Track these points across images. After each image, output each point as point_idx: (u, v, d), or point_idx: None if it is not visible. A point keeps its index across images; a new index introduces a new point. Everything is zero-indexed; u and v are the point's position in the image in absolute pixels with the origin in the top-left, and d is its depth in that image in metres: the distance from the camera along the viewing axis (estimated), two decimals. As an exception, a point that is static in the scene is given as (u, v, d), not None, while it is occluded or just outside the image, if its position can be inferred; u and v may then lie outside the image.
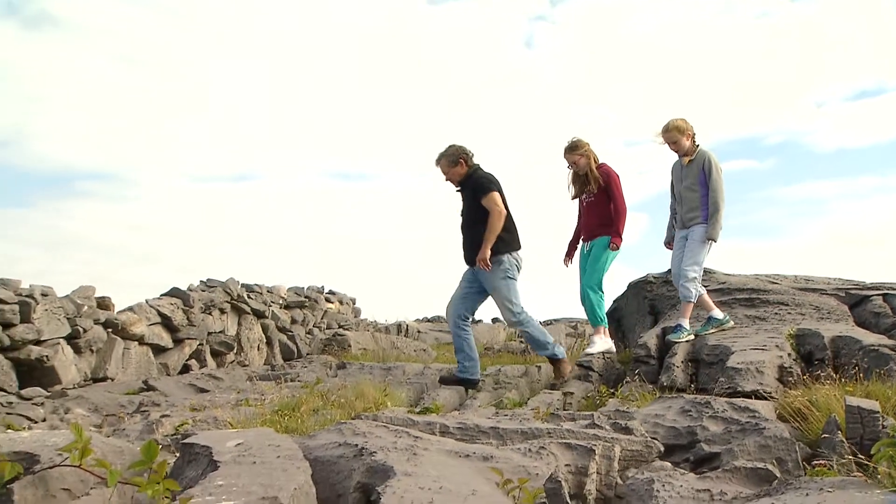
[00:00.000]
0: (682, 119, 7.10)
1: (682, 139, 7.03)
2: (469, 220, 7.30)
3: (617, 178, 7.83)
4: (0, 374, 9.07)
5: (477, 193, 7.18)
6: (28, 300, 9.52)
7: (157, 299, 12.37)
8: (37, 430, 4.25)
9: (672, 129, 7.03)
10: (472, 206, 7.24)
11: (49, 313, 9.81)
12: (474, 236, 7.18)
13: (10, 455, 2.54)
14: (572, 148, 7.81)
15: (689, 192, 7.07)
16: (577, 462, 2.73)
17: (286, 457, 2.62)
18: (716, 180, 6.92)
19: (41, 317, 9.67)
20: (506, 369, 8.55)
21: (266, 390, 7.22)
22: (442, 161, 7.26)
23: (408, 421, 3.49)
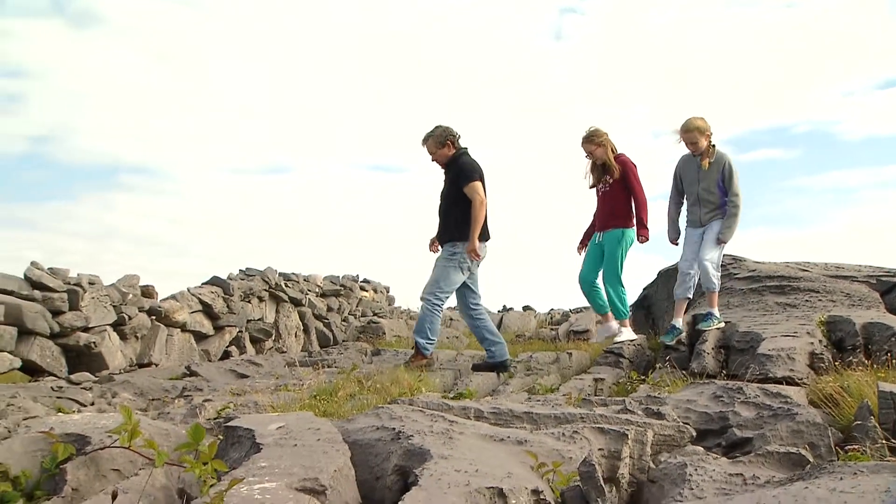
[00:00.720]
0: (702, 119, 7.01)
1: (702, 139, 6.94)
2: (446, 203, 7.30)
3: (634, 168, 7.76)
4: (50, 359, 9.25)
5: (460, 179, 7.16)
6: (76, 289, 9.69)
7: (199, 288, 12.53)
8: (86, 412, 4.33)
9: (693, 128, 6.93)
10: (452, 190, 7.24)
11: (96, 301, 9.98)
12: (448, 220, 7.23)
13: (63, 437, 2.59)
14: (589, 137, 7.76)
15: (708, 195, 6.99)
16: (610, 446, 2.71)
17: (326, 440, 2.65)
18: (736, 185, 6.85)
19: (89, 305, 9.84)
20: (537, 356, 8.53)
21: (304, 376, 7.27)
22: (429, 141, 7.25)
23: (443, 405, 3.50)
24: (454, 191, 7.20)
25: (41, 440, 2.61)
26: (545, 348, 10.54)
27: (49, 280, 9.55)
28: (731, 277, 8.07)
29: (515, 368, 7.29)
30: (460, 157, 7.25)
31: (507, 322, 17.74)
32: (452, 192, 7.22)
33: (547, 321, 19.93)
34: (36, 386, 8.01)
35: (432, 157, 7.29)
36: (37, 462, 2.52)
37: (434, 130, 7.26)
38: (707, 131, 6.96)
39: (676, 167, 7.27)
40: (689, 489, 2.42)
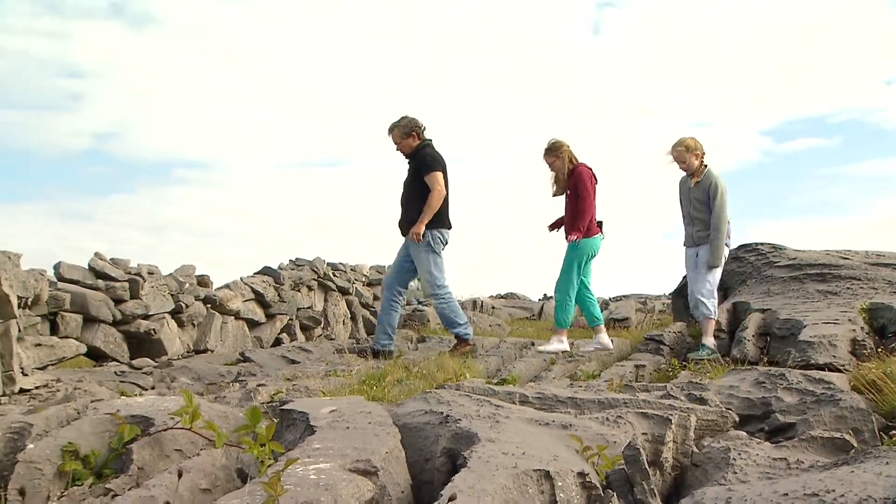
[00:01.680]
0: (693, 138, 6.88)
1: (691, 158, 6.81)
2: (410, 193, 7.29)
3: (584, 178, 7.49)
4: (113, 345, 9.45)
5: (421, 169, 7.15)
6: (136, 278, 9.88)
7: (251, 277, 12.68)
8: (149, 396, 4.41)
9: (682, 148, 6.82)
10: (414, 181, 7.24)
11: (155, 290, 10.16)
12: (409, 209, 7.21)
13: (129, 418, 2.65)
14: (548, 150, 7.62)
15: (698, 213, 6.86)
16: (653, 431, 2.69)
17: (377, 423, 2.67)
18: (719, 205, 6.68)
19: (148, 293, 10.03)
20: (578, 343, 8.49)
21: (352, 362, 7.32)
22: (395, 131, 7.23)
23: (488, 391, 3.50)
24: (418, 181, 7.19)
25: (108, 421, 2.67)
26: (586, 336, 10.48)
27: (111, 270, 9.75)
28: (771, 266, 7.93)
29: (557, 356, 7.25)
30: (424, 148, 7.26)
31: (547, 310, 17.67)
32: (416, 183, 7.21)
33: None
34: (100, 370, 8.20)
35: (397, 146, 7.28)
36: (104, 442, 2.58)
37: (400, 121, 7.26)
38: (697, 150, 6.83)
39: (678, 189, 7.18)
40: (732, 473, 2.39)
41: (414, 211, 7.15)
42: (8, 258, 6.84)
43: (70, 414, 2.88)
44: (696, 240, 6.90)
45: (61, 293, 8.92)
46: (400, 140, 7.24)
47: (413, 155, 7.28)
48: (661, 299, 18.46)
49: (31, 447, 2.39)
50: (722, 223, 6.64)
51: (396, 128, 7.24)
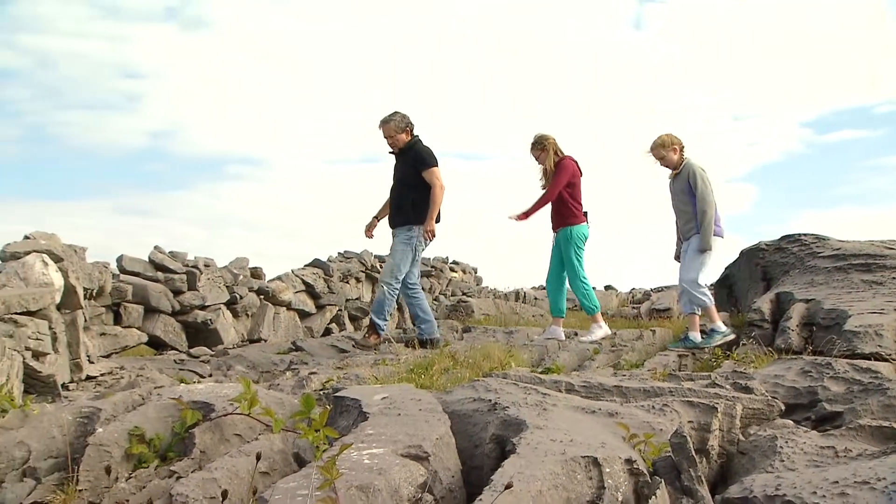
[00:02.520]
0: (668, 134, 6.81)
1: (669, 153, 6.76)
2: (402, 187, 7.25)
3: (562, 170, 7.44)
4: (172, 334, 9.64)
5: (419, 165, 7.13)
6: (194, 270, 10.05)
7: (302, 269, 12.81)
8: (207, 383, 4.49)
9: (657, 146, 6.78)
10: (409, 174, 7.20)
11: (211, 282, 10.33)
12: (402, 202, 7.19)
13: (190, 404, 2.70)
14: (534, 144, 7.59)
15: (682, 205, 6.81)
16: (699, 419, 2.65)
17: (427, 409, 2.67)
18: (701, 189, 6.59)
19: (205, 285, 10.20)
20: (621, 333, 8.41)
21: (400, 351, 7.35)
22: (390, 125, 7.18)
23: (535, 379, 3.49)
24: (412, 175, 7.17)
25: (171, 407, 2.73)
26: (628, 326, 10.39)
27: (170, 263, 9.94)
28: (814, 256, 7.75)
29: (599, 346, 7.20)
30: (416, 143, 7.25)
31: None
32: (410, 177, 7.19)
33: (628, 300, 19.61)
34: (160, 359, 8.37)
35: (389, 140, 7.24)
36: (168, 426, 2.63)
37: (394, 115, 7.22)
38: (674, 144, 6.76)
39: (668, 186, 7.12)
40: (779, 461, 2.35)
41: (410, 204, 7.17)
42: (74, 252, 7.01)
43: (135, 400, 2.94)
44: (684, 233, 6.87)
45: (124, 285, 9.13)
46: (394, 134, 7.21)
47: (405, 150, 7.26)
48: (702, 290, 18.17)
49: (101, 431, 2.45)
50: (708, 206, 6.56)
51: (391, 122, 7.20)
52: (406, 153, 7.27)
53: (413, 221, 7.20)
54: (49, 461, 2.42)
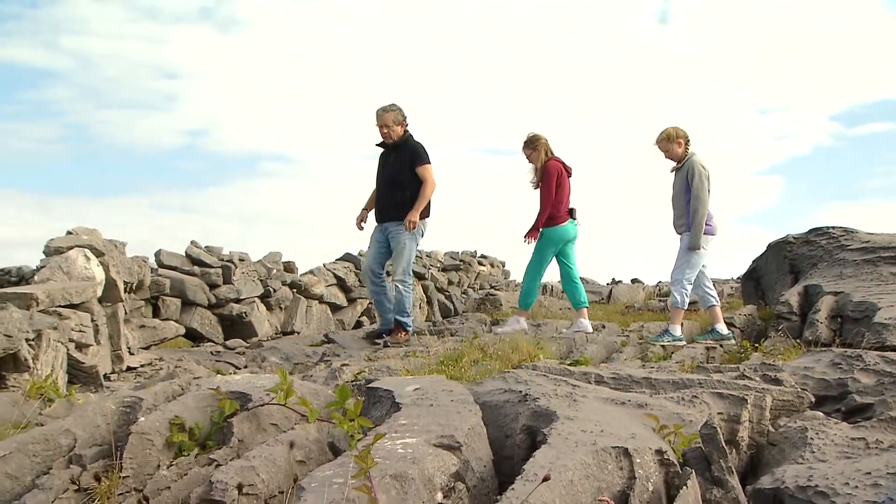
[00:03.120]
0: (674, 127, 6.75)
1: (674, 147, 6.70)
2: (393, 180, 7.16)
3: (552, 173, 7.48)
4: (208, 327, 9.75)
5: (415, 160, 7.09)
6: (229, 265, 10.15)
7: (333, 263, 12.88)
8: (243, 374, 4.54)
9: (663, 139, 6.73)
10: (404, 169, 7.13)
11: (246, 276, 10.42)
12: (394, 196, 7.12)
13: (228, 394, 2.72)
14: (527, 143, 7.63)
15: (677, 199, 6.77)
16: (729, 410, 2.63)
17: (459, 400, 2.68)
18: (697, 187, 6.52)
19: (239, 279, 10.29)
20: (648, 325, 8.35)
21: (429, 343, 7.36)
22: (391, 114, 7.08)
23: (564, 371, 3.48)
24: (407, 170, 7.12)
25: (209, 397, 2.76)
26: (655, 319, 10.31)
27: (206, 257, 10.05)
28: (843, 249, 7.62)
29: (628, 338, 7.15)
30: (410, 138, 7.19)
31: (616, 294, 17.42)
32: (405, 172, 7.13)
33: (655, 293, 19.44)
34: (198, 350, 8.47)
35: (385, 131, 7.11)
36: (207, 416, 2.66)
37: (393, 106, 7.13)
38: (678, 138, 6.70)
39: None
40: (810, 452, 2.32)
41: (409, 198, 7.11)
42: (115, 246, 7.11)
43: (175, 390, 2.98)
44: (677, 227, 6.84)
45: (162, 279, 9.25)
46: (391, 125, 7.10)
47: (400, 144, 7.18)
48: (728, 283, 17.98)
49: (143, 420, 2.48)
50: (700, 204, 6.51)
51: (391, 112, 7.10)
52: (401, 147, 7.19)
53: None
54: (94, 449, 2.45)
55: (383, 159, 7.34)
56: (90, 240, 6.72)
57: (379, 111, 7.14)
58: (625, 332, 8.19)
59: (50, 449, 2.41)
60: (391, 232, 7.24)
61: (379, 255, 7.43)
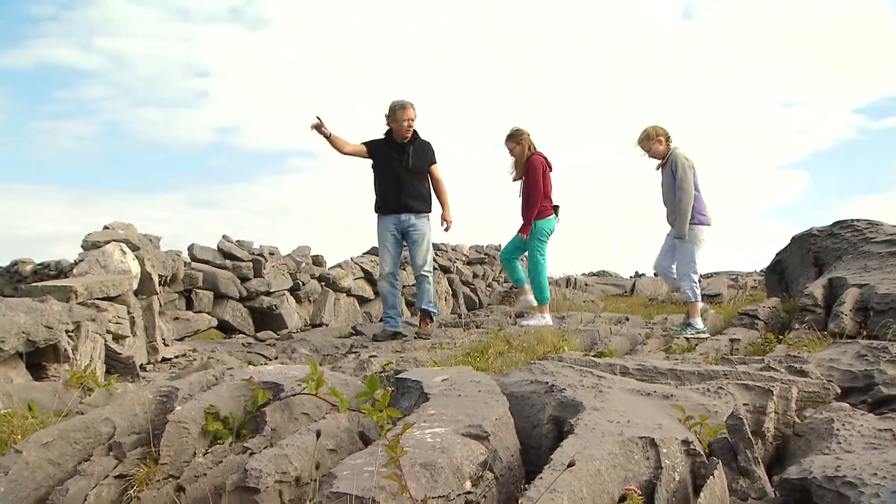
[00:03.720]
0: (653, 126, 6.72)
1: (655, 145, 6.67)
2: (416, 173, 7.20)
3: (538, 167, 7.54)
4: (240, 319, 9.84)
5: (431, 158, 7.27)
6: (259, 258, 10.23)
7: (360, 257, 12.92)
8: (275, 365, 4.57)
9: (643, 139, 6.71)
10: (421, 162, 7.22)
11: (276, 269, 10.50)
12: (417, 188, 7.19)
13: (261, 384, 2.75)
14: (510, 136, 7.68)
15: (668, 194, 6.72)
16: (755, 402, 2.60)
17: (486, 391, 2.67)
18: (681, 178, 6.50)
19: (270, 272, 10.37)
20: (672, 318, 8.30)
21: (455, 335, 7.37)
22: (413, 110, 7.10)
23: (590, 362, 3.46)
24: (423, 167, 7.24)
25: (242, 387, 2.78)
26: (679, 311, 10.22)
27: (237, 251, 10.14)
28: (868, 241, 7.49)
29: (652, 330, 7.11)
30: (420, 136, 7.24)
31: (639, 287, 17.33)
32: (423, 168, 7.24)
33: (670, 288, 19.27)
34: (229, 342, 8.55)
35: (411, 125, 7.11)
36: (240, 405, 2.68)
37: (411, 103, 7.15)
38: (658, 136, 6.67)
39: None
40: (836, 443, 2.29)
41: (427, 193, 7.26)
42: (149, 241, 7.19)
43: (209, 380, 3.01)
44: (669, 222, 6.83)
45: (195, 272, 9.35)
46: (413, 120, 7.15)
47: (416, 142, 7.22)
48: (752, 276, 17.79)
49: (179, 409, 2.51)
50: (685, 194, 6.50)
51: (413, 108, 7.13)
52: (417, 145, 7.23)
53: (428, 210, 7.35)
54: (132, 437, 2.49)
55: (396, 151, 7.25)
56: (126, 234, 6.81)
57: (408, 105, 7.13)
58: (648, 325, 8.14)
59: (90, 436, 2.45)
60: (413, 224, 7.24)
61: (397, 254, 7.45)
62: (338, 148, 7.03)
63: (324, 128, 6.81)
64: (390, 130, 7.21)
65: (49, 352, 4.60)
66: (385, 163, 7.22)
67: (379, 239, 7.39)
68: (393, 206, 7.24)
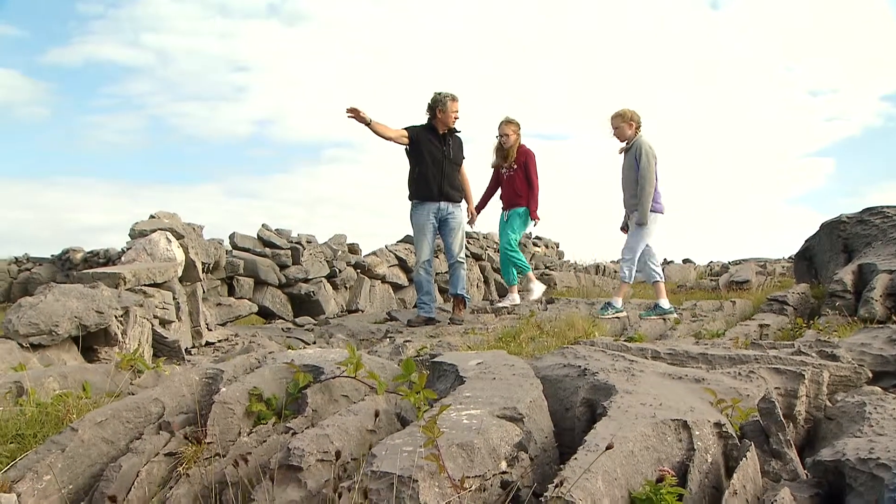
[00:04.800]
0: (631, 109, 6.76)
1: (625, 127, 6.69)
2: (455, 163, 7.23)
3: (534, 158, 7.92)
4: (279, 305, 9.93)
5: (463, 152, 7.34)
6: (297, 246, 10.31)
7: (394, 245, 12.95)
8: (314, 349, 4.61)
9: (616, 115, 6.74)
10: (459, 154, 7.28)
11: (313, 257, 10.57)
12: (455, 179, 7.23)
13: (302, 367, 2.77)
14: (509, 121, 7.88)
15: (627, 180, 6.79)
16: (786, 385, 2.56)
17: (520, 374, 2.67)
18: (644, 167, 6.56)
19: (307, 260, 10.45)
20: (701, 304, 8.20)
21: (487, 321, 7.36)
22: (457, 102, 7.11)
23: (621, 347, 3.44)
24: (460, 159, 7.30)
25: (284, 370, 2.81)
26: (707, 297, 10.10)
27: (276, 239, 10.23)
28: (897, 228, 7.34)
29: (681, 315, 7.03)
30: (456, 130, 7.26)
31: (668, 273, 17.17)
32: (459, 160, 7.29)
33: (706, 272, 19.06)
34: (269, 327, 8.65)
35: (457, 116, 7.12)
36: (282, 387, 2.71)
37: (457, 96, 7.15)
38: (633, 121, 6.70)
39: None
40: (868, 426, 2.25)
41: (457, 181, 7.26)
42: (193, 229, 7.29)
43: (252, 363, 3.05)
44: (627, 206, 6.89)
45: (236, 260, 9.45)
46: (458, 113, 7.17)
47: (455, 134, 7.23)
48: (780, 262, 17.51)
49: (224, 390, 2.54)
50: (647, 183, 6.58)
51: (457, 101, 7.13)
52: (455, 138, 7.24)
53: (460, 200, 7.40)
54: (180, 416, 2.53)
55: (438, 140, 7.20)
56: (171, 223, 6.91)
57: (457, 98, 7.14)
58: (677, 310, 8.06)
59: (141, 416, 2.50)
60: (451, 213, 7.23)
61: (434, 242, 7.42)
62: (380, 133, 6.99)
63: (362, 114, 6.80)
64: (432, 119, 7.17)
65: (100, 335, 4.69)
66: (427, 151, 7.17)
67: (416, 227, 7.32)
68: (435, 195, 7.19)
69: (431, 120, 7.17)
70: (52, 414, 2.64)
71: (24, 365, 3.58)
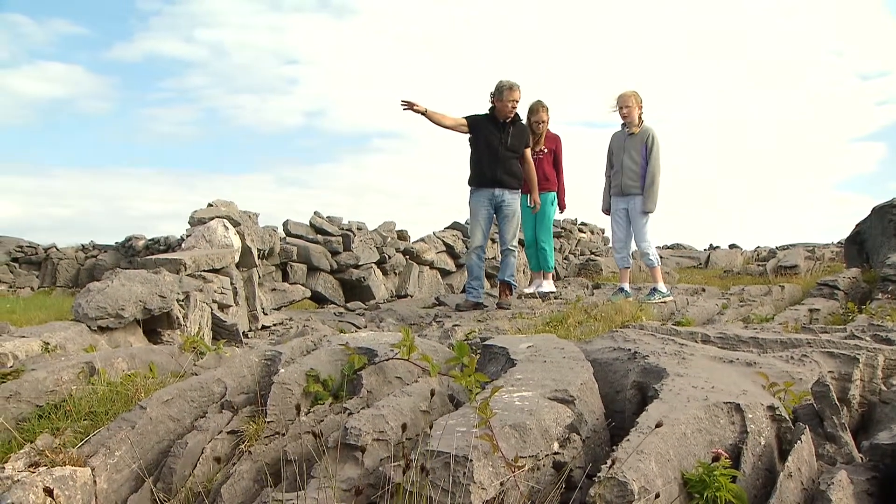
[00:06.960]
0: (637, 93, 6.80)
1: (634, 109, 6.70)
2: (514, 151, 7.09)
3: (561, 145, 7.93)
4: (331, 290, 10.05)
5: (526, 142, 7.22)
6: (348, 233, 10.40)
7: (442, 232, 12.97)
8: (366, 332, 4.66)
9: (629, 96, 6.73)
10: (520, 144, 7.15)
11: (363, 244, 10.65)
12: (514, 166, 7.09)
13: (357, 350, 2.81)
14: (544, 106, 7.83)
15: (631, 163, 6.76)
16: (840, 369, 2.49)
17: (571, 357, 2.66)
18: (656, 156, 6.63)
19: (358, 246, 10.53)
20: (749, 289, 8.03)
21: (535, 306, 7.33)
22: (518, 92, 6.94)
23: (671, 330, 3.39)
24: (520, 147, 7.16)
25: (339, 352, 2.85)
26: (755, 282, 9.89)
27: (328, 226, 10.34)
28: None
29: (729, 300, 6.90)
30: (520, 118, 7.16)
31: (714, 259, 16.86)
32: (518, 148, 7.15)
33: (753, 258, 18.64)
34: (322, 311, 8.76)
35: (514, 105, 6.95)
36: (337, 369, 2.75)
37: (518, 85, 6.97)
38: (640, 105, 6.75)
39: (609, 143, 7.13)
40: (926, 413, 2.18)
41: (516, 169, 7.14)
42: (249, 217, 7.41)
43: (308, 346, 3.10)
44: (625, 189, 6.84)
45: (290, 246, 9.59)
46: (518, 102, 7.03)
47: (516, 123, 7.10)
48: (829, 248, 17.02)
49: (283, 371, 2.59)
50: (658, 173, 6.66)
51: (519, 90, 6.97)
52: (517, 126, 7.11)
53: (520, 189, 7.25)
54: (241, 396, 2.59)
55: (497, 128, 7.09)
56: (228, 211, 7.04)
57: (516, 86, 6.98)
58: (725, 295, 7.91)
59: (205, 395, 2.56)
60: (506, 200, 7.13)
61: (488, 229, 7.34)
62: (437, 122, 6.97)
63: (416, 106, 6.78)
64: (493, 108, 7.12)
65: (162, 319, 4.82)
66: (485, 138, 7.09)
67: (472, 212, 7.28)
68: (489, 181, 7.12)
69: (491, 108, 7.14)
70: (122, 393, 2.72)
71: (94, 346, 3.69)
